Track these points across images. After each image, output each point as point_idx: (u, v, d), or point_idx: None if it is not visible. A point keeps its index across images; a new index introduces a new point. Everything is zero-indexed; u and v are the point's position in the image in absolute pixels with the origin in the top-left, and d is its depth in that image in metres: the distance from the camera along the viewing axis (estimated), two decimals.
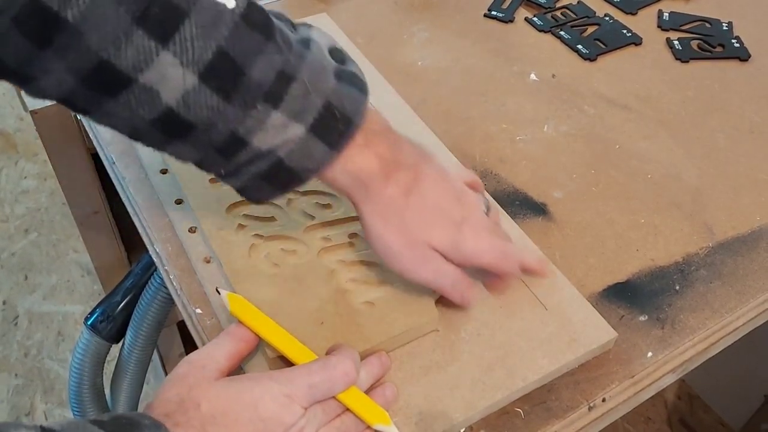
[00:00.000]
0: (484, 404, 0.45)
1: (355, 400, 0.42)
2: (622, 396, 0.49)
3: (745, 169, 0.65)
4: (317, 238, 0.52)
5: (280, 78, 0.39)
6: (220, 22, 0.37)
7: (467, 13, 0.82)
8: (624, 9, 0.84)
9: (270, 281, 0.49)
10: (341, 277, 0.50)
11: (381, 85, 0.68)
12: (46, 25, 0.34)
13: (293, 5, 0.80)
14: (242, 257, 0.50)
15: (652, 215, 0.60)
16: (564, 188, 0.61)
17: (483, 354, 0.47)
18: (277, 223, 0.53)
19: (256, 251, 0.51)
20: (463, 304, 0.49)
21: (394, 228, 0.45)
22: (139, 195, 0.58)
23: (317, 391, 0.40)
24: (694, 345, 0.52)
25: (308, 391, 0.40)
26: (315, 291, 0.48)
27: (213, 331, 0.49)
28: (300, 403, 0.40)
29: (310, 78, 0.39)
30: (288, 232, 0.52)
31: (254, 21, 0.38)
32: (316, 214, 0.53)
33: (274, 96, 0.39)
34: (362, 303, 0.48)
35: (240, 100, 0.38)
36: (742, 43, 0.79)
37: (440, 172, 0.48)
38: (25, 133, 1.78)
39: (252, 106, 0.38)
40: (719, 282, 0.55)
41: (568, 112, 0.69)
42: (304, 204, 0.54)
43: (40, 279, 1.51)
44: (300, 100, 0.39)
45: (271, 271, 0.49)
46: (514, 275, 0.49)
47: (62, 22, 0.34)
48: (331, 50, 0.43)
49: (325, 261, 0.51)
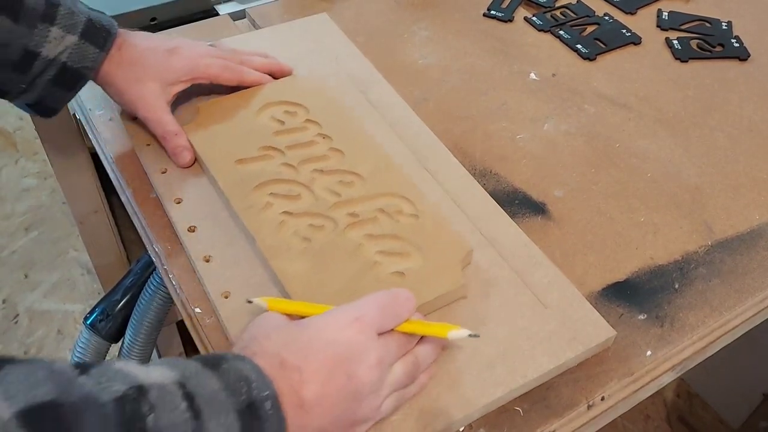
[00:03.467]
0: (484, 402, 0.45)
1: (421, 325, 0.44)
2: (621, 394, 0.49)
3: (744, 167, 0.65)
4: (343, 214, 0.53)
5: (49, 4, 0.53)
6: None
7: (467, 12, 0.82)
8: (623, 8, 0.84)
9: (301, 255, 0.50)
10: (369, 250, 0.51)
11: (381, 84, 0.68)
12: None
13: (293, 5, 0.80)
14: (272, 234, 0.52)
15: (651, 214, 0.60)
16: (564, 187, 0.62)
17: (483, 352, 0.47)
18: (303, 201, 0.54)
19: (285, 227, 0.52)
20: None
21: None
22: (138, 194, 0.58)
23: (387, 315, 0.42)
24: (694, 343, 0.52)
25: (378, 315, 0.41)
26: (345, 263, 0.50)
27: (212, 331, 0.49)
28: (371, 327, 0.41)
29: (70, 5, 0.54)
30: (315, 209, 0.54)
31: None
32: (341, 192, 0.55)
33: (49, 17, 0.53)
34: (392, 273, 0.50)
35: (24, 22, 0.52)
36: (741, 43, 0.79)
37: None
38: (25, 132, 1.78)
39: (34, 25, 0.52)
40: (718, 280, 0.55)
41: (568, 111, 0.69)
42: (327, 182, 0.56)
43: (40, 277, 1.51)
44: (69, 17, 0.54)
45: (301, 246, 0.51)
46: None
47: None
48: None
49: (353, 235, 0.52)
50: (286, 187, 0.55)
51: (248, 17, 0.79)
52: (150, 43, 0.59)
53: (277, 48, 0.70)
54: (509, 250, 0.54)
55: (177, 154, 0.58)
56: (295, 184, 0.55)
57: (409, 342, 0.43)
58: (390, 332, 0.42)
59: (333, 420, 0.39)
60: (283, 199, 0.54)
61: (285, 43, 0.71)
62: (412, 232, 0.52)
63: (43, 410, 0.28)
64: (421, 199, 0.55)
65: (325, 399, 0.38)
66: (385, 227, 0.53)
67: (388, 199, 0.55)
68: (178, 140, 0.58)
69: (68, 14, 0.54)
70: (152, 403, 0.31)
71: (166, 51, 0.59)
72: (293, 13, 0.78)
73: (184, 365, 0.36)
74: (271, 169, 0.57)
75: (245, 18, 0.80)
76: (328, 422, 0.39)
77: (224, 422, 0.34)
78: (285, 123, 0.61)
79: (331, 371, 0.38)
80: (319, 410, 0.38)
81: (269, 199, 0.54)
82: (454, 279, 0.50)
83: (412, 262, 0.51)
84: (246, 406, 0.35)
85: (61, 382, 0.29)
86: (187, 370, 0.35)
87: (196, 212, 0.55)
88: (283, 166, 0.57)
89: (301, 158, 0.57)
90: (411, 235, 0.52)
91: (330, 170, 0.57)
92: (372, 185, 0.56)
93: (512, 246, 0.54)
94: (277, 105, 0.62)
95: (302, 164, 0.57)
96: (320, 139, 0.59)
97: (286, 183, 0.56)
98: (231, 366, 0.36)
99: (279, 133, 0.60)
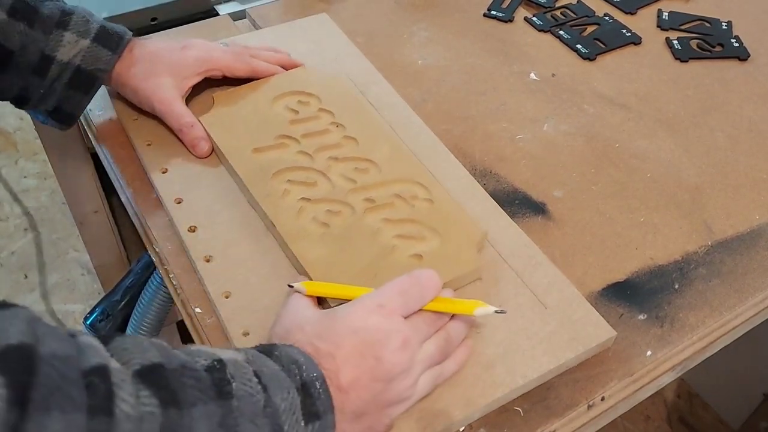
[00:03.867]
0: (484, 402, 0.45)
1: (448, 303, 0.45)
2: (622, 394, 0.49)
3: (744, 167, 0.65)
4: (360, 199, 0.55)
5: (64, 13, 0.56)
6: None
7: (467, 12, 0.82)
8: (623, 8, 0.84)
9: (321, 240, 0.52)
10: (387, 234, 0.52)
11: (380, 84, 0.68)
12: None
13: (293, 5, 0.80)
14: (291, 219, 0.53)
15: (651, 214, 0.60)
16: (563, 187, 0.62)
17: (483, 352, 0.47)
18: (320, 187, 0.55)
19: (303, 213, 0.54)
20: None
21: None
22: (138, 194, 0.58)
23: (409, 297, 0.43)
24: (693, 343, 0.52)
25: (400, 299, 0.43)
26: (364, 247, 0.51)
27: (213, 330, 0.49)
28: (394, 311, 0.42)
29: (85, 14, 0.57)
30: (332, 196, 0.54)
31: None
32: (357, 179, 0.56)
33: (63, 23, 0.56)
34: (410, 256, 0.51)
35: (40, 28, 0.55)
36: (741, 43, 0.79)
37: None
38: (25, 132, 1.78)
39: (49, 31, 0.55)
40: (718, 280, 0.55)
41: (567, 111, 0.69)
42: (343, 169, 0.57)
43: (40, 278, 1.51)
44: (82, 24, 0.57)
45: (320, 231, 0.52)
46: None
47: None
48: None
49: (370, 220, 0.53)
50: (303, 174, 0.56)
51: (248, 17, 0.79)
52: (162, 43, 0.62)
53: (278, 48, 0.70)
54: (509, 250, 0.54)
55: (195, 146, 0.59)
56: (312, 172, 0.57)
57: (439, 319, 0.45)
58: (418, 312, 0.44)
59: (368, 401, 0.41)
60: (301, 186, 0.55)
61: (285, 44, 0.71)
62: (428, 216, 0.53)
63: (154, 370, 0.32)
64: (435, 184, 0.56)
65: (358, 382, 0.40)
66: (401, 212, 0.54)
67: (403, 184, 0.56)
68: (195, 132, 0.59)
69: (82, 21, 0.57)
70: (232, 374, 0.36)
71: (178, 47, 0.62)
72: (293, 13, 0.78)
73: (245, 350, 0.39)
74: (288, 157, 0.58)
75: (245, 18, 0.80)
76: (363, 404, 0.41)
77: (286, 397, 0.37)
78: (299, 112, 0.62)
79: (361, 356, 0.41)
80: (354, 393, 0.40)
81: (287, 186, 0.55)
82: (470, 261, 0.51)
83: (429, 245, 0.52)
84: (301, 385, 0.38)
85: (162, 349, 0.34)
86: (249, 354, 0.38)
87: (196, 212, 0.55)
88: (299, 154, 0.58)
89: (316, 146, 0.59)
90: (427, 219, 0.53)
91: (345, 157, 0.58)
92: (387, 171, 0.57)
93: (512, 246, 0.54)
94: (290, 95, 0.64)
95: (317, 152, 0.58)
96: (334, 128, 0.60)
97: (303, 170, 0.57)
98: (282, 351, 0.40)
99: (294, 122, 0.61)
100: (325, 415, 0.39)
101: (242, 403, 0.35)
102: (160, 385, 0.32)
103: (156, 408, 0.31)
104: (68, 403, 0.28)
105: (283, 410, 0.37)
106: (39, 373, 0.27)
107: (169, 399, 0.32)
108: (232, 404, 0.34)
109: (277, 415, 0.36)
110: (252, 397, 0.36)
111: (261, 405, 0.36)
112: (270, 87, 0.64)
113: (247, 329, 0.48)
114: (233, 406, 0.34)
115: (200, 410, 0.33)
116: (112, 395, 0.29)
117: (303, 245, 0.51)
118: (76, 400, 0.28)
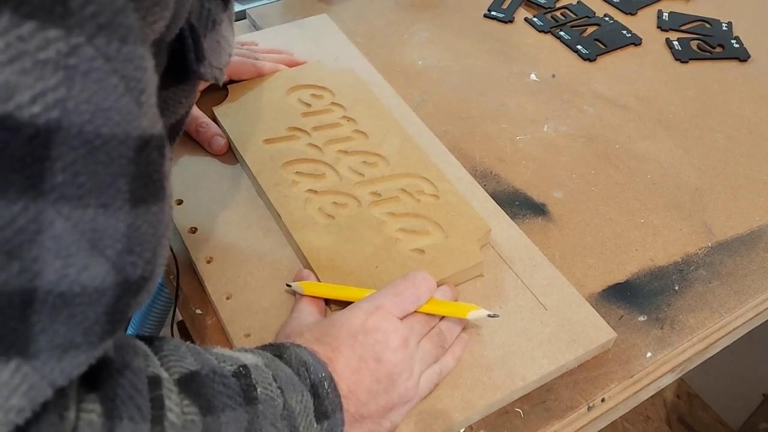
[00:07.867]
0: (484, 404, 0.45)
1: (442, 305, 0.46)
2: (621, 396, 0.49)
3: (744, 169, 0.65)
4: (366, 193, 0.55)
5: None
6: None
7: (467, 13, 0.82)
8: (623, 9, 0.84)
9: (325, 230, 0.53)
10: (391, 227, 0.53)
11: (380, 85, 0.68)
12: None
13: (293, 5, 0.80)
14: (298, 209, 0.54)
15: (651, 215, 0.60)
16: (564, 188, 0.62)
17: (483, 354, 0.47)
18: (327, 180, 0.56)
19: (310, 204, 0.55)
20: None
21: None
22: None
23: (404, 299, 0.44)
24: (693, 345, 0.52)
25: (396, 300, 0.44)
26: (367, 239, 0.52)
27: (213, 331, 0.49)
28: (391, 313, 0.43)
29: None
30: (339, 188, 0.55)
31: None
32: (365, 172, 0.56)
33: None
34: (412, 250, 0.52)
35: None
36: (741, 44, 0.79)
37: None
38: None
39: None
40: (718, 282, 0.55)
41: (567, 112, 0.69)
42: (351, 162, 0.57)
43: None
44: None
45: (325, 221, 0.53)
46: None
47: None
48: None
49: (375, 213, 0.54)
50: (311, 166, 0.57)
51: (249, 18, 0.79)
52: None
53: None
54: (509, 251, 0.54)
55: (211, 143, 0.61)
56: (321, 164, 0.57)
57: (432, 319, 0.46)
58: (413, 313, 0.45)
59: (368, 404, 0.41)
60: (309, 178, 0.56)
61: (285, 44, 0.71)
62: (433, 211, 0.54)
63: (193, 378, 0.33)
64: (442, 180, 0.56)
65: (360, 386, 0.41)
66: (406, 206, 0.54)
67: (410, 179, 0.56)
68: (211, 129, 0.61)
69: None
70: (256, 379, 0.36)
71: None
72: (293, 13, 0.78)
73: (260, 353, 0.40)
74: (298, 149, 0.59)
75: (246, 19, 0.80)
76: (364, 407, 0.41)
77: (301, 400, 0.38)
78: (311, 105, 0.63)
79: (361, 358, 0.41)
80: (354, 397, 0.41)
81: (295, 177, 0.56)
82: (473, 256, 0.51)
83: (432, 240, 0.52)
84: (311, 386, 0.39)
85: (195, 354, 0.35)
86: (265, 358, 0.39)
87: (197, 213, 0.55)
88: (308, 146, 0.59)
89: (326, 139, 0.59)
90: (431, 214, 0.54)
91: (354, 151, 0.58)
92: (394, 166, 0.57)
93: (512, 247, 0.54)
94: (304, 88, 0.65)
95: (327, 145, 0.59)
96: (345, 122, 0.61)
97: (311, 162, 0.57)
98: (292, 352, 0.40)
99: (306, 114, 0.62)
100: (334, 414, 0.39)
101: (265, 407, 0.36)
102: (198, 393, 0.33)
103: (196, 416, 0.32)
104: (137, 413, 0.29)
105: (299, 412, 0.38)
106: (118, 385, 0.29)
107: (206, 406, 0.33)
108: (258, 409, 0.35)
109: (293, 417, 0.37)
110: (273, 401, 0.37)
111: (280, 408, 0.37)
112: (285, 79, 0.65)
113: (248, 330, 0.48)
114: (258, 411, 0.35)
115: (229, 416, 0.34)
116: (164, 405, 0.31)
117: (307, 235, 0.52)
118: (143, 411, 0.29)
